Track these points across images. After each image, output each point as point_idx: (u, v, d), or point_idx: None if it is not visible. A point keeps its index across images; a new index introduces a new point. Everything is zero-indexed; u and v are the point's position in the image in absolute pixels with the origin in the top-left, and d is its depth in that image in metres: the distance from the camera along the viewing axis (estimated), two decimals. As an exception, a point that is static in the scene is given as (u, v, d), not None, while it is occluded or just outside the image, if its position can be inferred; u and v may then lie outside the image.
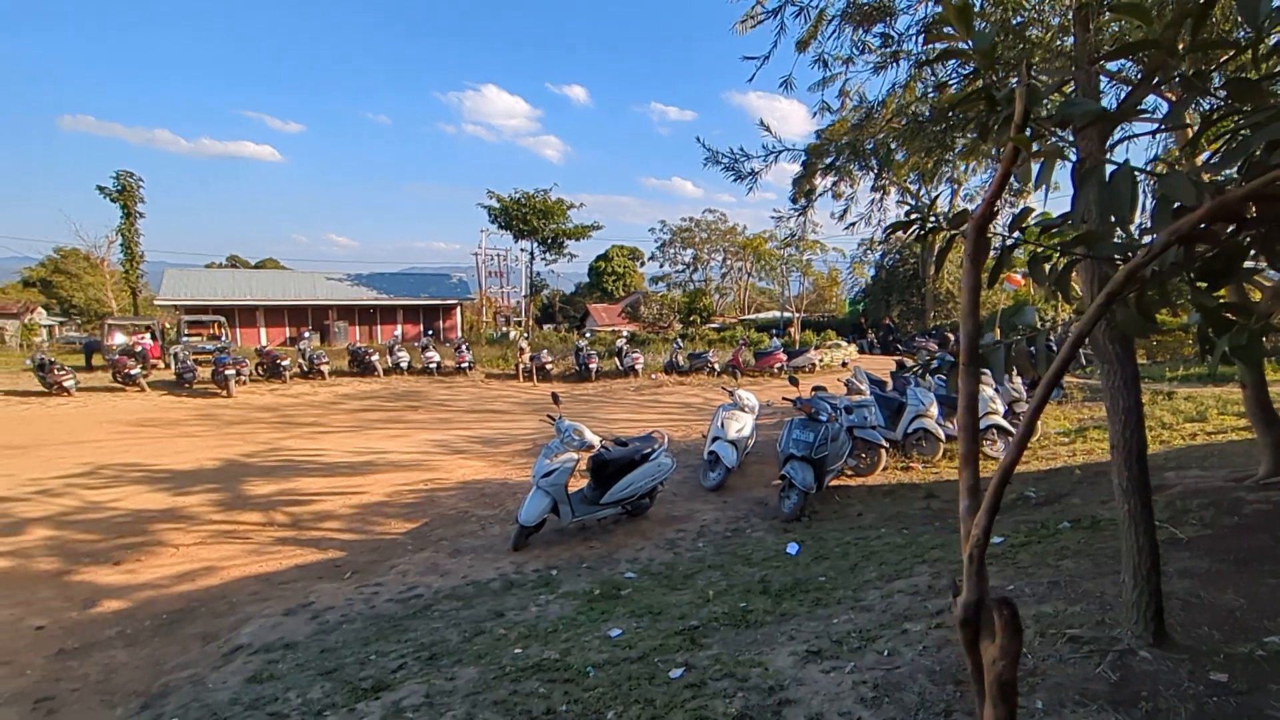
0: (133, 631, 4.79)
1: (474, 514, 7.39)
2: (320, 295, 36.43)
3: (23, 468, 9.72)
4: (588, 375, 20.89)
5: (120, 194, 33.74)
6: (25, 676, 4.18)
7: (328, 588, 5.41)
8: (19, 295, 45.96)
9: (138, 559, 6.29)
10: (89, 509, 7.82)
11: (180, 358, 19.31)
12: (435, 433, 12.57)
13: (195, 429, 13.31)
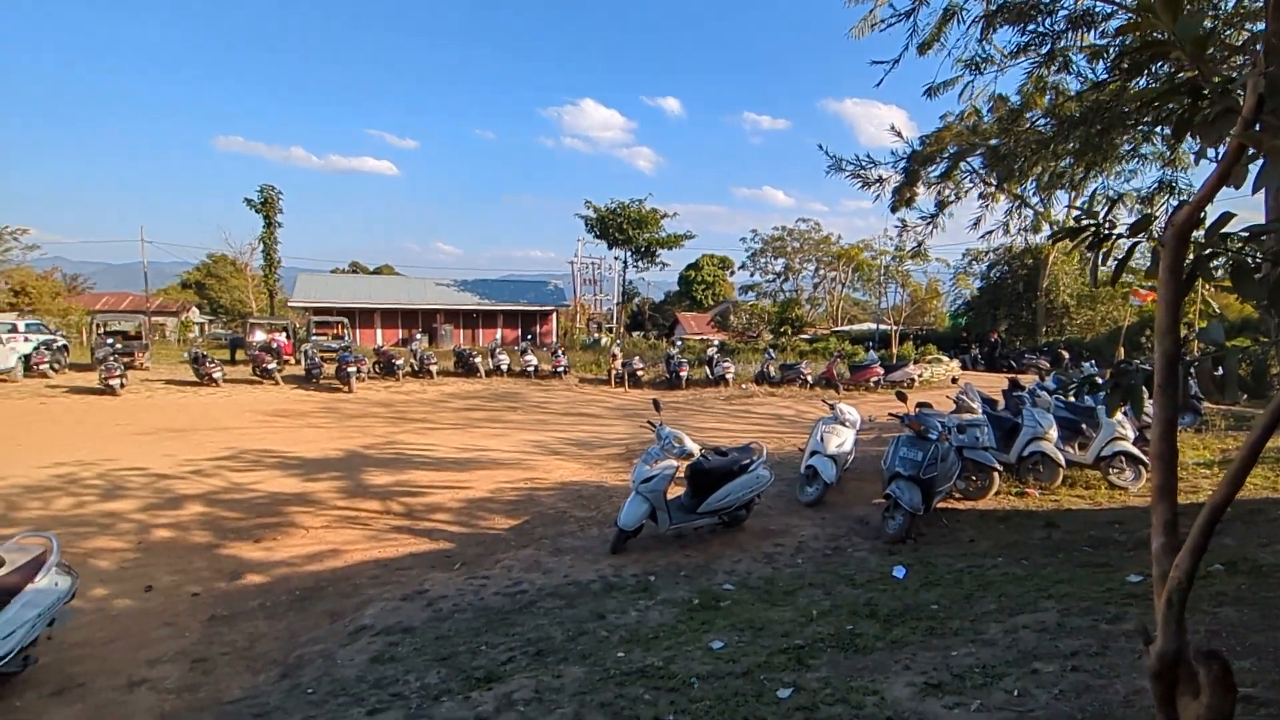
0: (271, 605, 5.16)
1: (573, 514, 7.50)
2: (429, 300, 38.33)
3: (181, 449, 10.72)
4: (678, 383, 20.87)
5: (263, 205, 36.82)
6: (185, 638, 4.58)
7: (440, 577, 5.63)
8: (178, 296, 51.13)
9: (274, 538, 6.77)
10: (233, 489, 8.51)
11: (309, 355, 20.77)
12: (533, 433, 12.90)
13: (321, 421, 14.24)
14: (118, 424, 13.07)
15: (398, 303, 37.46)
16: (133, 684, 3.97)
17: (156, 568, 5.89)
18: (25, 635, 3.76)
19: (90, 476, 8.86)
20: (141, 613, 5.00)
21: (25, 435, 11.80)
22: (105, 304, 41.82)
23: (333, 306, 33.52)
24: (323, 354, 21.72)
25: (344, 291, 37.29)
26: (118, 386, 16.80)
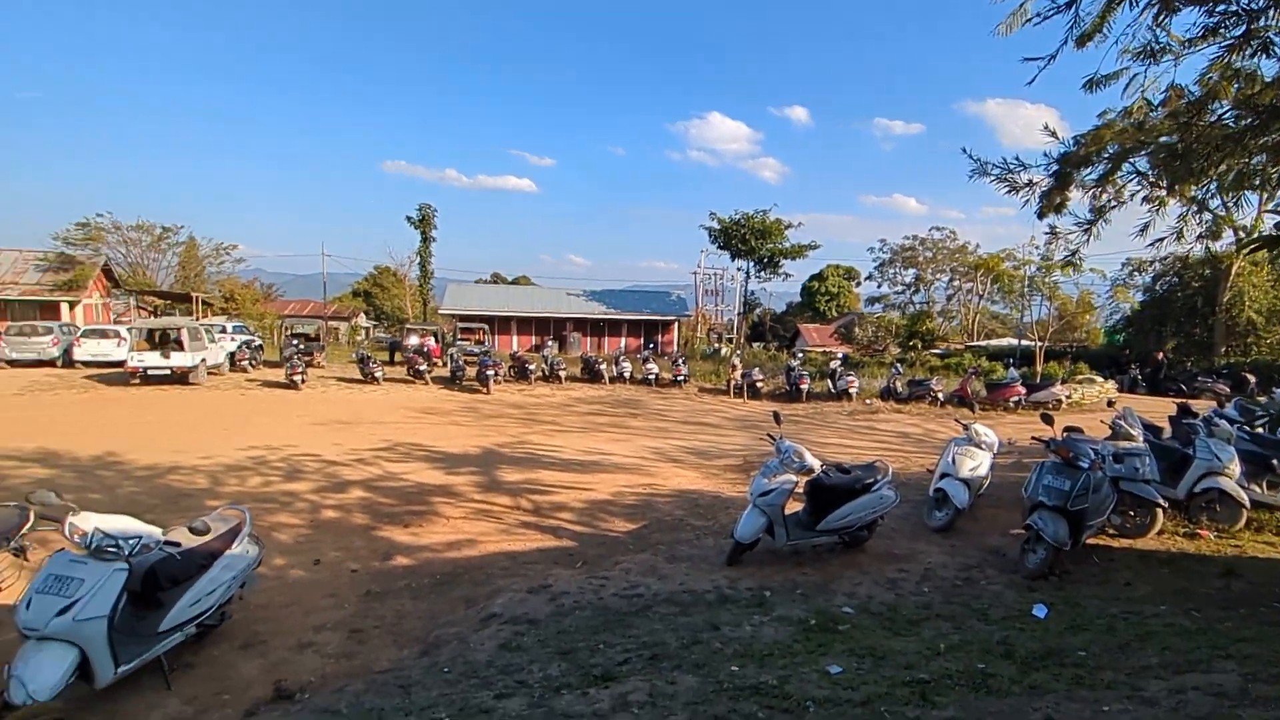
0: (416, 586, 5.56)
1: (689, 523, 7.49)
2: (560, 308, 39.88)
3: (347, 439, 11.84)
4: (798, 395, 20.30)
5: (421, 222, 40.11)
6: (344, 609, 5.05)
7: (563, 574, 5.81)
8: (349, 303, 56.86)
9: (420, 524, 7.30)
10: (388, 478, 9.27)
11: (454, 358, 22.28)
12: (653, 440, 13.03)
13: (462, 419, 15.19)
14: (298, 415, 14.65)
15: (532, 311, 39.33)
16: (302, 646, 4.43)
17: (324, 544, 6.53)
18: (223, 594, 4.31)
19: (275, 460, 10.00)
20: (311, 583, 5.56)
21: (229, 421, 13.53)
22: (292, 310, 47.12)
23: (476, 314, 35.76)
24: (466, 358, 23.19)
25: (486, 300, 39.68)
26: (299, 382, 18.85)
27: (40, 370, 20.77)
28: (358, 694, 3.60)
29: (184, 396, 16.82)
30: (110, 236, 38.34)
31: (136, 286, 36.43)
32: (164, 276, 41.08)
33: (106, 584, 3.55)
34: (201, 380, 18.83)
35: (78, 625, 3.40)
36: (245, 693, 3.82)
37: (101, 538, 3.67)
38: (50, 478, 8.45)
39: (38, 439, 10.80)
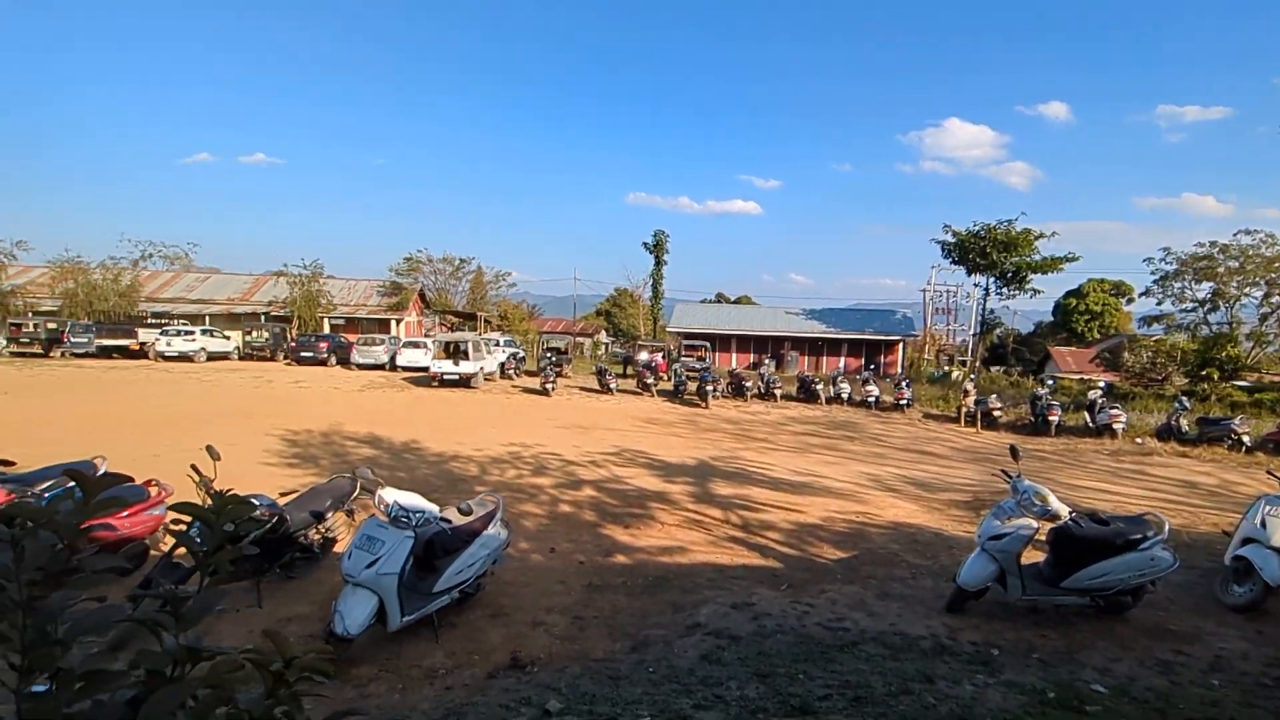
0: (631, 584, 5.84)
1: (904, 559, 6.86)
2: (779, 327, 39.24)
3: (583, 442, 12.90)
4: (1045, 429, 17.47)
5: (655, 247, 42.56)
6: (570, 596, 5.49)
7: (767, 594, 5.68)
8: (593, 321, 62.41)
9: (638, 527, 7.66)
10: (614, 480, 9.90)
11: (678, 373, 23.15)
12: (868, 466, 12.18)
13: (681, 431, 15.67)
14: (547, 418, 16.34)
15: (751, 330, 39.28)
16: (535, 624, 4.91)
17: (558, 535, 7.17)
18: (480, 568, 4.95)
19: (527, 456, 11.25)
20: (546, 569, 6.14)
21: (496, 420, 15.56)
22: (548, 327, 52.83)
23: (699, 332, 36.74)
24: (688, 373, 23.93)
25: (708, 319, 40.57)
26: (550, 390, 21.04)
27: (376, 372, 25.90)
28: (575, 677, 3.89)
29: (466, 398, 19.72)
30: (425, 267, 46.77)
31: (440, 307, 43.83)
32: (459, 299, 48.79)
33: (399, 548, 4.30)
34: (480, 385, 21.95)
35: (379, 577, 4.16)
36: (489, 656, 4.34)
37: (399, 510, 4.46)
38: (374, 457, 10.46)
39: (369, 425, 13.45)
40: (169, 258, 43.92)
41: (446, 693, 3.83)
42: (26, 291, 34.28)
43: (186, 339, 27.78)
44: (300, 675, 1.10)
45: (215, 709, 1.16)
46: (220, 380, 21.48)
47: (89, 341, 27.60)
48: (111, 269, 35.82)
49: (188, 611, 1.24)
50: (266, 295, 38.31)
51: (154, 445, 10.13)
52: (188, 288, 39.88)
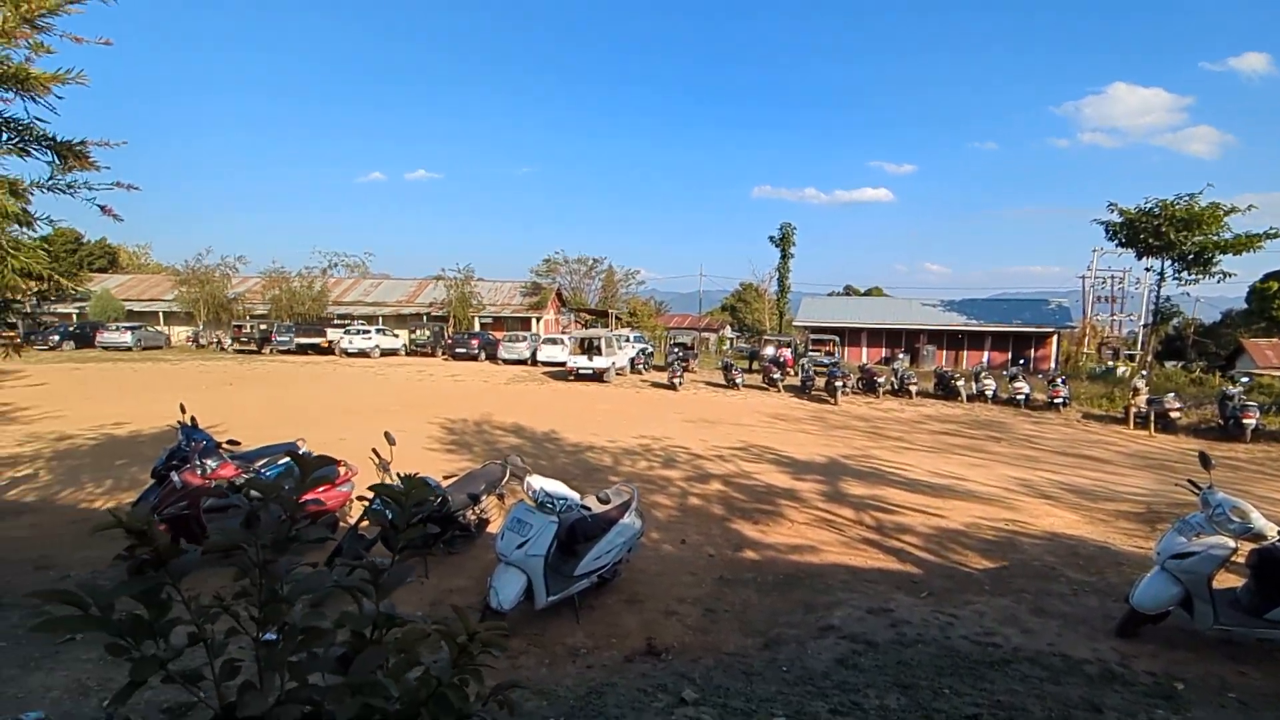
0: (761, 581, 5.74)
1: (1063, 574, 6.14)
2: (913, 319, 36.69)
3: (710, 436, 12.88)
4: (1239, 433, 14.87)
5: (781, 241, 41.46)
6: (701, 588, 5.50)
7: (906, 600, 5.34)
8: (718, 316, 62.05)
9: (767, 523, 7.51)
10: (741, 476, 9.78)
11: (805, 369, 22.37)
12: (1018, 470, 11.05)
13: (810, 427, 15.14)
14: (675, 412, 16.49)
15: (882, 323, 37.06)
16: (668, 613, 4.98)
17: (688, 527, 7.21)
18: (616, 555, 5.10)
19: (657, 449, 11.43)
20: (677, 560, 6.20)
21: (627, 413, 15.96)
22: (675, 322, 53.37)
23: (827, 326, 35.27)
24: (816, 368, 23.08)
25: (836, 313, 38.84)
26: (677, 384, 21.21)
27: (519, 367, 27.56)
28: (708, 669, 3.89)
29: (600, 392, 20.40)
30: (562, 268, 49.07)
31: (575, 305, 45.73)
32: (592, 297, 50.65)
33: (545, 531, 4.53)
34: (612, 379, 22.62)
35: (527, 558, 4.42)
36: (626, 640, 4.46)
37: (544, 496, 4.71)
38: (518, 446, 11.13)
39: (513, 416, 14.34)
40: (350, 266, 49.56)
41: (588, 671, 3.99)
42: (245, 299, 40.22)
43: (364, 337, 31.25)
44: (482, 648, 1.20)
45: (406, 671, 1.29)
46: (390, 374, 23.91)
47: (290, 340, 31.87)
48: (306, 278, 41.05)
49: (385, 582, 1.39)
50: (428, 297, 42.00)
51: (339, 430, 11.47)
52: (364, 292, 44.69)
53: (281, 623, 1.33)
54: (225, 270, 40.15)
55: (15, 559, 5.75)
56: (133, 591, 1.23)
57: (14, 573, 5.44)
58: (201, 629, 1.28)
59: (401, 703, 1.18)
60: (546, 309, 41.73)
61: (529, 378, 23.73)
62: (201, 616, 1.30)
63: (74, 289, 34.20)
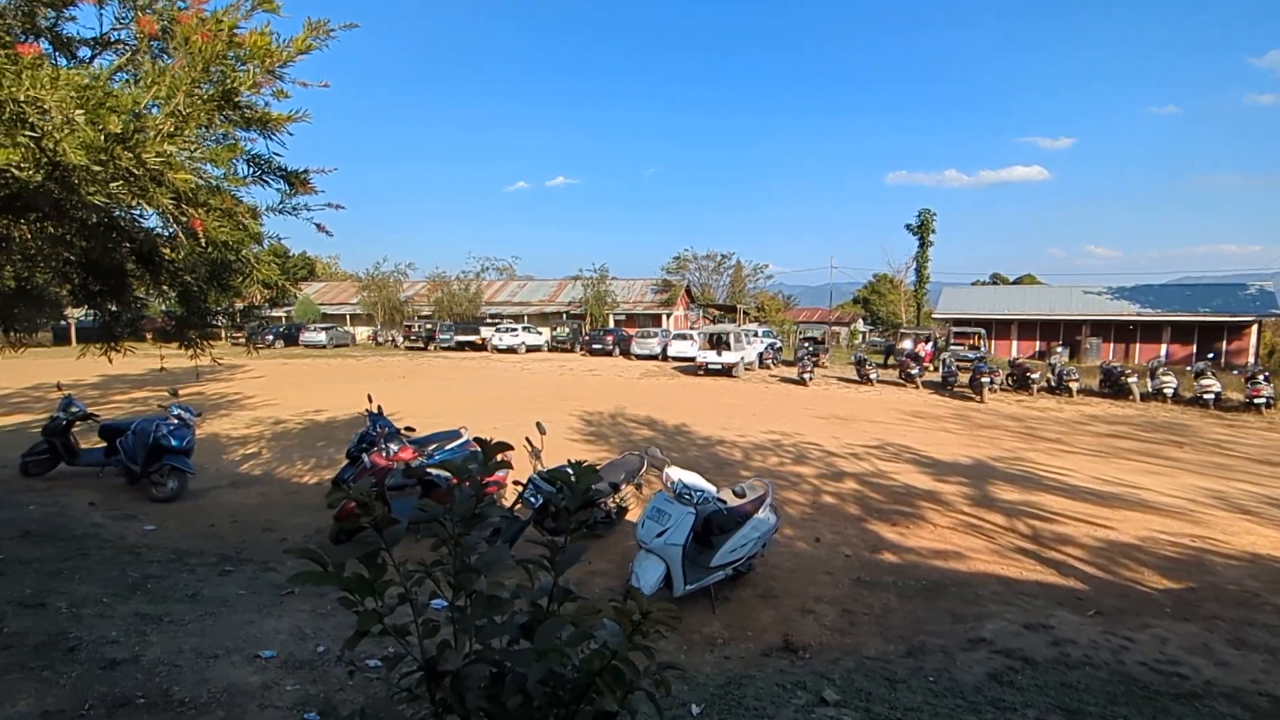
0: (902, 585, 5.43)
1: (1270, 601, 5.19)
2: (1073, 309, 32.54)
3: (843, 434, 12.35)
4: None
5: (919, 228, 38.61)
6: (838, 589, 5.31)
7: (1069, 618, 4.80)
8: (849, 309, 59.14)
9: (907, 526, 7.08)
10: (877, 475, 9.28)
11: (947, 363, 20.69)
12: (1206, 479, 9.45)
13: (952, 426, 13.99)
14: (805, 407, 15.99)
15: (1036, 313, 33.23)
16: (804, 610, 4.87)
17: (822, 525, 6.98)
18: (751, 549, 5.07)
19: (787, 445, 11.16)
20: (811, 558, 6.03)
21: (755, 408, 15.74)
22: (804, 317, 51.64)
23: (971, 318, 32.34)
24: (959, 363, 21.26)
25: (982, 303, 35.42)
26: (807, 379, 20.52)
27: (650, 362, 28.15)
28: (849, 671, 3.76)
29: (729, 386, 20.29)
30: (691, 264, 49.29)
31: (703, 301, 45.76)
32: (720, 292, 50.41)
33: (683, 522, 4.62)
34: (740, 374, 22.41)
35: (666, 546, 4.53)
36: (762, 635, 4.43)
37: (682, 487, 4.80)
38: (651, 438, 11.39)
39: (646, 409, 14.68)
40: (499, 269, 53.06)
41: (724, 662, 4.02)
42: (414, 301, 44.70)
43: (512, 335, 33.52)
44: (653, 627, 1.27)
45: (581, 642, 1.40)
46: (534, 368, 25.43)
47: (450, 338, 34.96)
48: (463, 281, 44.77)
49: (562, 560, 1.52)
50: (567, 296, 44.12)
51: (493, 418, 12.41)
52: (512, 293, 47.85)
53: (471, 591, 1.49)
54: (398, 276, 44.89)
55: (249, 522, 6.85)
56: (357, 555, 1.44)
57: (249, 533, 6.50)
58: (408, 590, 1.48)
59: (579, 670, 1.29)
60: (676, 305, 42.15)
61: (660, 372, 24.14)
62: (409, 579, 1.50)
63: (294, 295, 40.08)
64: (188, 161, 2.96)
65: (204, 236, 3.03)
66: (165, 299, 4.14)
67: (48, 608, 4.02)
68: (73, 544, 5.61)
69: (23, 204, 2.89)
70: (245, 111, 3.18)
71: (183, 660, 3.35)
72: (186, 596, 4.51)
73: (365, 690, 3.25)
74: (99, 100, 2.55)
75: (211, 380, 18.43)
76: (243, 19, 3.06)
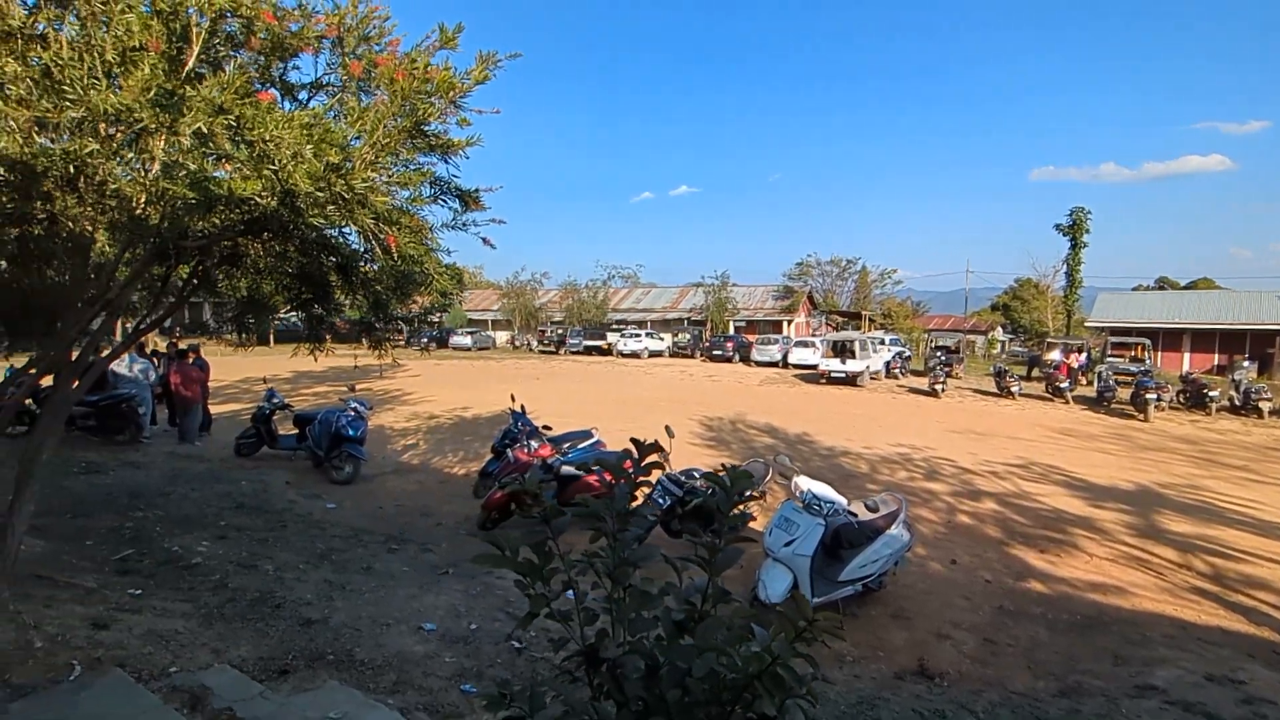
0: (1053, 618, 4.91)
1: None
2: (1263, 318, 27.44)
3: (980, 450, 11.32)
4: None
5: (1071, 228, 34.43)
6: (978, 615, 4.91)
7: (1264, 674, 4.09)
8: (986, 317, 53.97)
9: (1056, 553, 6.38)
10: (1021, 496, 8.43)
11: (1103, 377, 18.27)
12: None
13: (1109, 446, 12.34)
14: (937, 420, 14.86)
15: (1215, 322, 28.39)
16: (940, 635, 4.55)
17: (957, 546, 6.47)
18: (882, 566, 4.84)
19: (917, 459, 10.45)
20: (947, 580, 5.62)
21: (882, 419, 14.89)
22: (935, 324, 47.88)
23: (1132, 326, 28.27)
24: (1118, 376, 18.71)
25: (1146, 310, 30.88)
26: (940, 390, 19.00)
27: (770, 369, 27.57)
28: (993, 705, 3.48)
29: (853, 396, 19.35)
30: (814, 270, 47.56)
31: (826, 308, 44.03)
32: (844, 299, 48.16)
33: (812, 532, 4.51)
34: (865, 383, 21.30)
35: (794, 556, 4.45)
36: (894, 656, 4.20)
37: (812, 497, 4.69)
38: (773, 445, 11.16)
39: (766, 416, 14.41)
40: (624, 276, 54.45)
41: (855, 680, 3.87)
42: (547, 308, 47.19)
43: (635, 340, 34.31)
44: (819, 635, 1.26)
45: (737, 644, 1.43)
46: (656, 373, 25.84)
47: (579, 342, 36.48)
48: (592, 288, 46.53)
49: (719, 560, 1.55)
50: (688, 303, 44.37)
51: (618, 420, 12.79)
52: (636, 300, 48.94)
53: (626, 584, 1.58)
54: (533, 285, 47.63)
55: (410, 506, 7.55)
56: (529, 542, 1.56)
57: (409, 516, 7.19)
58: (571, 579, 1.59)
59: (739, 671, 1.33)
60: (797, 312, 40.89)
61: (780, 379, 23.55)
62: (573, 569, 1.61)
63: (459, 302, 43.76)
64: (384, 185, 3.39)
65: (396, 251, 3.42)
66: (358, 306, 4.68)
67: (259, 569, 4.72)
68: (274, 516, 6.46)
69: (259, 226, 3.43)
70: (430, 139, 3.56)
71: (361, 625, 3.79)
72: (362, 569, 5.07)
73: (511, 667, 3.51)
74: (321, 136, 2.99)
75: (377, 378, 20.66)
76: (429, 55, 3.43)
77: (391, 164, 3.46)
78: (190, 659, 3.07)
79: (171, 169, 2.94)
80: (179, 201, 2.91)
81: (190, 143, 2.88)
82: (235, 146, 2.93)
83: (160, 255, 3.48)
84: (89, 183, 2.94)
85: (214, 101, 2.78)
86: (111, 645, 3.04)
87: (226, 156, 2.99)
